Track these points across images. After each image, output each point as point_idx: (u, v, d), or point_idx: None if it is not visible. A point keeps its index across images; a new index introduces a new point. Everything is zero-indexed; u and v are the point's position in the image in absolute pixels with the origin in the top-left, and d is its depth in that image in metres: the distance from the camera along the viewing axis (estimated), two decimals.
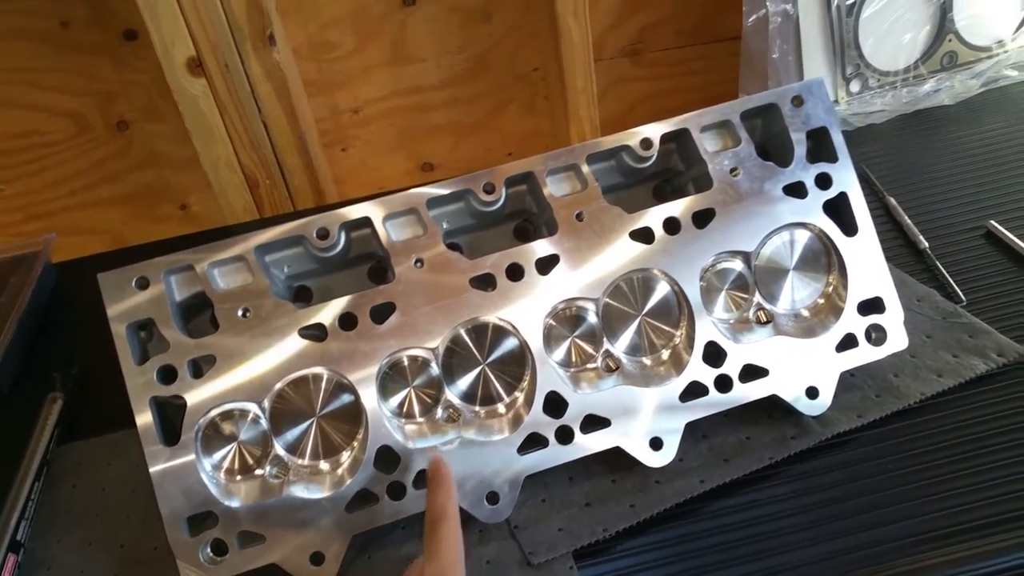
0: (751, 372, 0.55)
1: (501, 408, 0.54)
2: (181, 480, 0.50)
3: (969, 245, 0.69)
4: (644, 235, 0.55)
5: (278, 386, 0.51)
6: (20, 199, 1.05)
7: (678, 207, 0.55)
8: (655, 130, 0.56)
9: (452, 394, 0.54)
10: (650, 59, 1.11)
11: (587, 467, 0.54)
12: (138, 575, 0.53)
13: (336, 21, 1.00)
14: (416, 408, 0.54)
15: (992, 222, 0.70)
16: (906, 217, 0.73)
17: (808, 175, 0.56)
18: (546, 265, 0.54)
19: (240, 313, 0.51)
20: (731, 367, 0.54)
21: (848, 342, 0.56)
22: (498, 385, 0.54)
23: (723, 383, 0.54)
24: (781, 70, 0.92)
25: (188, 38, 0.84)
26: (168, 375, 0.51)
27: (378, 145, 1.11)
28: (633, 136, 0.56)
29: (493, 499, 0.51)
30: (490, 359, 0.54)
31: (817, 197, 0.56)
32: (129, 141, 1.04)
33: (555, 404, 0.53)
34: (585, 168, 0.55)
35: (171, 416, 0.51)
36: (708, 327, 0.55)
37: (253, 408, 0.51)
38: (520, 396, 0.54)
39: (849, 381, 0.57)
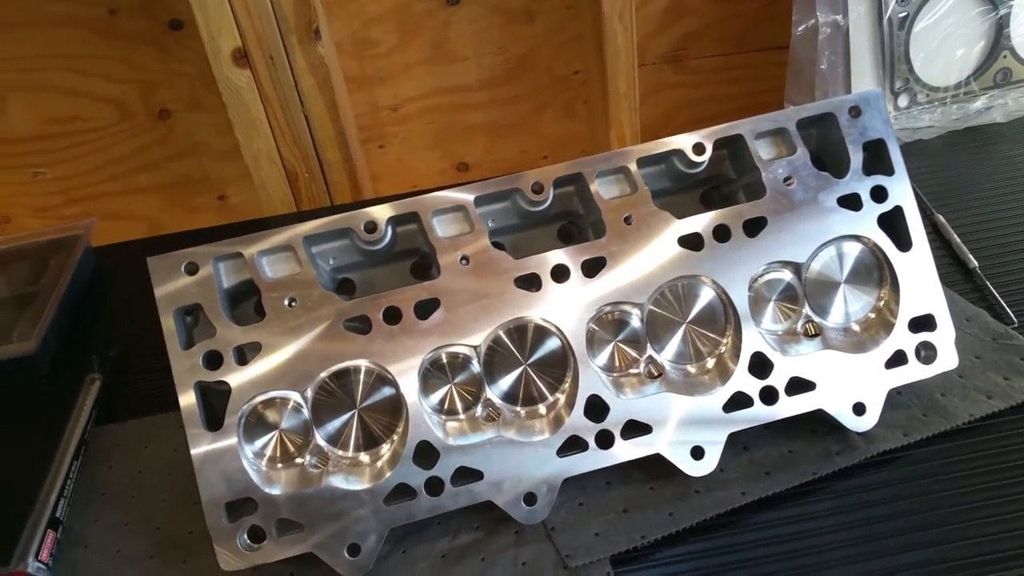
0: (798, 385, 0.54)
1: (542, 409, 0.54)
2: (222, 465, 0.50)
3: (1020, 266, 0.69)
4: (693, 241, 0.55)
5: (321, 376, 0.52)
6: (61, 183, 1.07)
7: (729, 214, 0.55)
8: (708, 135, 0.56)
9: (493, 393, 0.54)
10: (692, 66, 1.11)
11: (626, 473, 0.54)
12: (174, 558, 0.54)
13: (379, 18, 1.01)
14: (457, 405, 0.54)
15: None
16: (955, 235, 0.72)
17: (863, 187, 0.56)
18: (592, 268, 0.54)
19: (287, 302, 0.52)
20: (777, 379, 0.54)
21: (897, 359, 0.55)
22: (540, 385, 0.54)
23: (768, 395, 0.54)
24: (829, 81, 0.91)
25: (235, 29, 0.85)
26: (214, 361, 0.51)
27: (415, 143, 1.11)
28: (685, 141, 0.56)
29: (531, 500, 0.51)
30: (532, 359, 0.54)
31: (872, 210, 0.56)
32: (170, 130, 1.05)
33: (596, 408, 0.53)
34: (635, 171, 0.55)
35: (214, 402, 0.52)
36: (755, 337, 0.54)
37: (296, 397, 0.52)
38: (561, 398, 0.54)
39: (896, 399, 0.56)
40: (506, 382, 0.54)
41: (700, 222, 0.55)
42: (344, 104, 0.96)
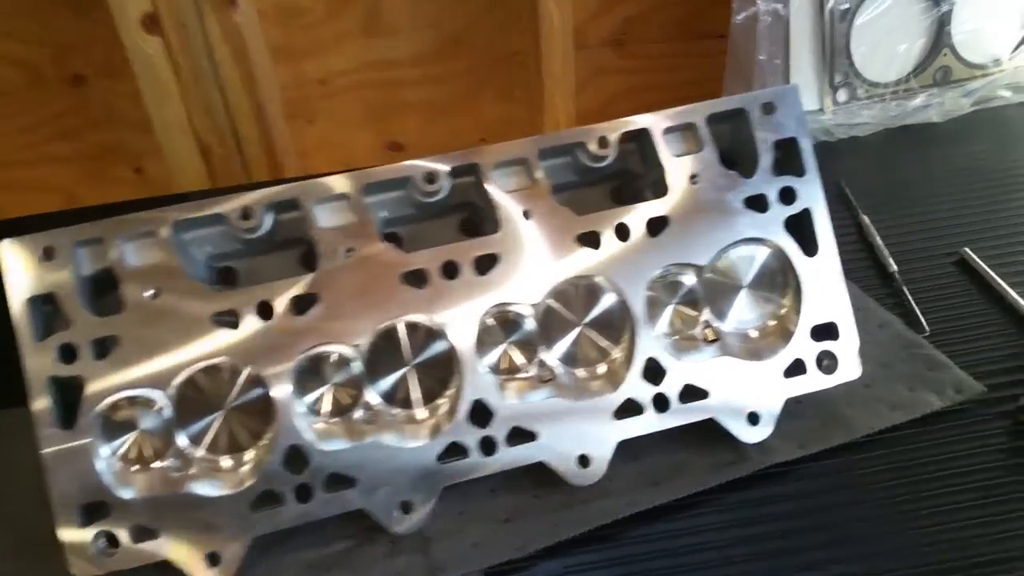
0: (691, 393, 0.52)
1: (423, 413, 0.52)
2: (75, 466, 0.47)
3: (941, 272, 0.68)
4: (592, 240, 0.53)
5: (185, 374, 0.49)
6: None
7: (630, 213, 0.53)
8: (614, 128, 0.53)
9: (372, 394, 0.51)
10: (634, 51, 1.08)
11: (512, 480, 0.52)
12: (34, 556, 0.50)
13: None
14: (332, 407, 0.51)
15: (967, 250, 0.68)
16: (878, 238, 0.71)
17: (772, 188, 0.54)
18: (485, 265, 0.52)
19: (149, 294, 0.49)
20: (670, 386, 0.52)
21: (797, 368, 0.54)
22: (422, 388, 0.52)
23: (661, 402, 0.52)
24: (768, 73, 0.89)
25: None
26: (69, 354, 0.48)
27: (345, 120, 1.08)
28: (590, 133, 0.53)
29: (406, 508, 0.49)
30: (417, 360, 0.52)
31: (779, 212, 0.54)
32: (85, 98, 1.00)
33: (482, 413, 0.51)
34: (535, 163, 0.53)
35: (70, 398, 0.48)
36: (651, 342, 0.52)
37: (157, 396, 0.49)
38: (445, 402, 0.52)
39: (795, 409, 0.54)
40: (387, 383, 0.52)
41: (600, 220, 0.53)
42: (265, 76, 0.92)
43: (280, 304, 0.50)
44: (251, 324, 0.49)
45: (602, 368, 0.54)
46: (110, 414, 0.49)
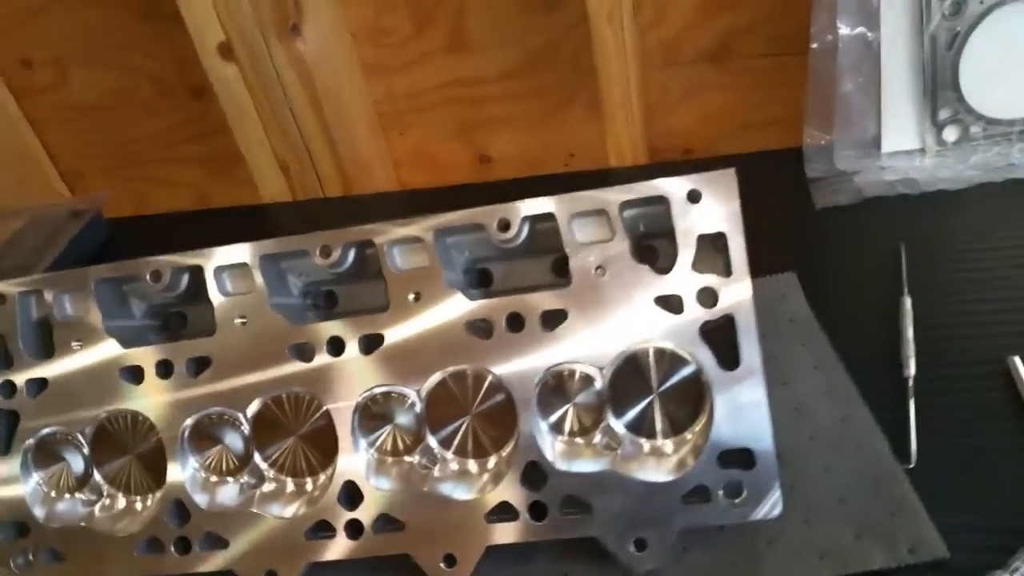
0: (575, 504, 0.48)
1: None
2: (5, 489, 0.54)
3: (974, 384, 0.55)
4: (482, 329, 0.50)
5: (98, 416, 0.54)
6: (118, 148, 1.15)
7: (525, 302, 0.49)
8: (518, 210, 0.49)
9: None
10: (737, 67, 0.97)
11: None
12: None
13: (392, 5, 0.98)
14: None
15: (1016, 359, 0.55)
16: (910, 329, 0.59)
17: (689, 287, 0.47)
18: (370, 344, 0.51)
19: (73, 343, 0.54)
20: (551, 494, 0.48)
21: (699, 494, 0.47)
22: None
23: (538, 511, 0.48)
24: (854, 108, 0.77)
25: (218, 23, 0.87)
26: (9, 389, 0.54)
27: (435, 132, 1.09)
28: (492, 214, 0.50)
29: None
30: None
31: (696, 315, 0.47)
32: (204, 108, 1.10)
33: (352, 496, 0.50)
34: (430, 241, 0.50)
35: (12, 425, 0.55)
36: (532, 444, 0.48)
37: (76, 434, 0.54)
38: (321, 478, 0.52)
39: (711, 537, 0.48)
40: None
41: (493, 307, 0.49)
42: (354, 92, 0.96)
43: (179, 363, 0.52)
44: (150, 379, 0.53)
45: (491, 462, 0.51)
46: (40, 446, 0.55)
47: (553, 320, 0.49)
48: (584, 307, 0.48)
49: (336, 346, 0.51)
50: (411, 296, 0.50)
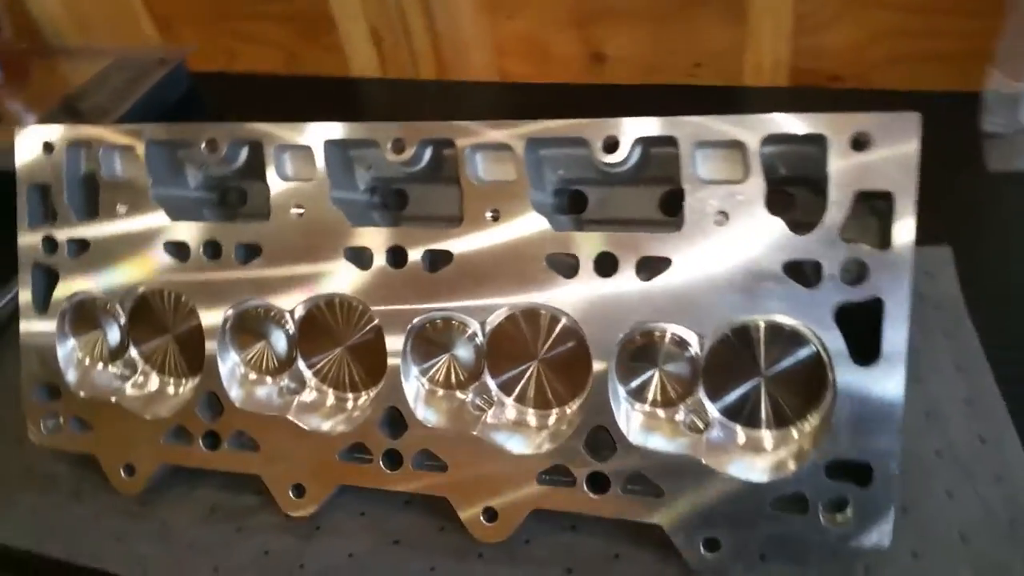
0: (642, 483, 0.41)
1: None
2: (42, 348, 0.51)
3: None
4: (566, 264, 0.41)
5: (138, 291, 0.49)
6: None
7: (620, 241, 0.40)
8: (631, 128, 0.40)
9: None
10: None
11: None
12: None
13: None
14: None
15: None
16: None
17: (834, 256, 0.37)
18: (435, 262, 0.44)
19: (119, 207, 0.48)
20: (616, 468, 0.41)
21: (794, 502, 0.39)
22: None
23: (598, 483, 0.41)
24: None
25: None
26: (51, 246, 0.50)
27: (548, 18, 0.97)
28: (600, 129, 0.40)
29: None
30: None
31: (833, 292, 0.37)
32: None
33: (395, 423, 0.45)
34: (523, 153, 0.42)
35: (53, 285, 0.51)
36: (607, 408, 0.41)
37: (116, 304, 0.50)
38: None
39: (796, 550, 0.40)
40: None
41: (580, 241, 0.41)
42: None
43: (227, 247, 0.46)
44: (196, 260, 0.47)
45: (553, 418, 0.44)
46: (78, 310, 0.50)
47: (652, 267, 0.40)
48: (693, 258, 0.39)
49: (397, 256, 0.44)
50: (489, 213, 0.42)
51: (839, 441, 0.38)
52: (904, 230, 0.36)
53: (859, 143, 0.36)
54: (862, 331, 0.38)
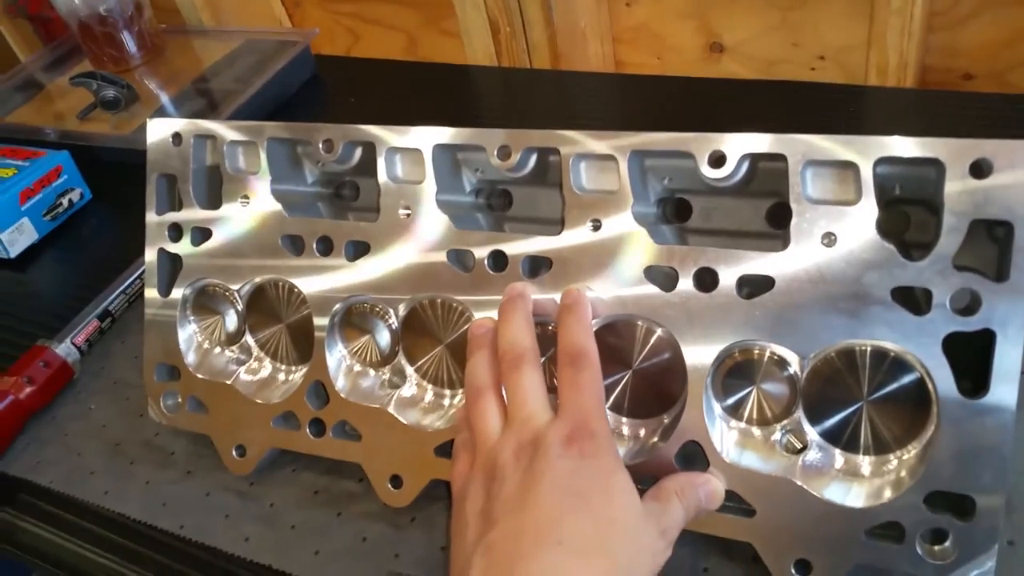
0: (734, 501, 0.42)
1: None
2: (164, 330, 0.56)
3: None
4: (665, 276, 0.43)
5: (255, 280, 0.54)
6: None
7: (722, 258, 0.42)
8: (738, 144, 0.41)
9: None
10: None
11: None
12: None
13: None
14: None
15: None
16: None
17: (944, 284, 0.38)
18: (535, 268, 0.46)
19: (239, 199, 0.53)
20: None
21: (890, 531, 0.40)
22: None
23: None
24: None
25: None
26: (176, 232, 0.55)
27: (666, 7, 0.98)
28: (706, 144, 0.42)
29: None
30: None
31: (943, 321, 0.38)
32: None
33: None
34: (623, 166, 0.44)
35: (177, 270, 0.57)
36: (698, 422, 0.43)
37: (234, 290, 0.55)
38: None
39: None
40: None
41: (681, 256, 0.43)
42: None
43: (339, 243, 0.51)
44: (308, 254, 0.51)
45: (644, 430, 0.46)
46: (198, 296, 0.56)
47: (754, 286, 0.42)
48: (797, 279, 0.41)
49: (498, 261, 0.47)
50: (590, 223, 0.44)
51: (941, 472, 0.38)
52: (1022, 262, 0.37)
53: (979, 170, 0.37)
54: (971, 361, 0.38)
